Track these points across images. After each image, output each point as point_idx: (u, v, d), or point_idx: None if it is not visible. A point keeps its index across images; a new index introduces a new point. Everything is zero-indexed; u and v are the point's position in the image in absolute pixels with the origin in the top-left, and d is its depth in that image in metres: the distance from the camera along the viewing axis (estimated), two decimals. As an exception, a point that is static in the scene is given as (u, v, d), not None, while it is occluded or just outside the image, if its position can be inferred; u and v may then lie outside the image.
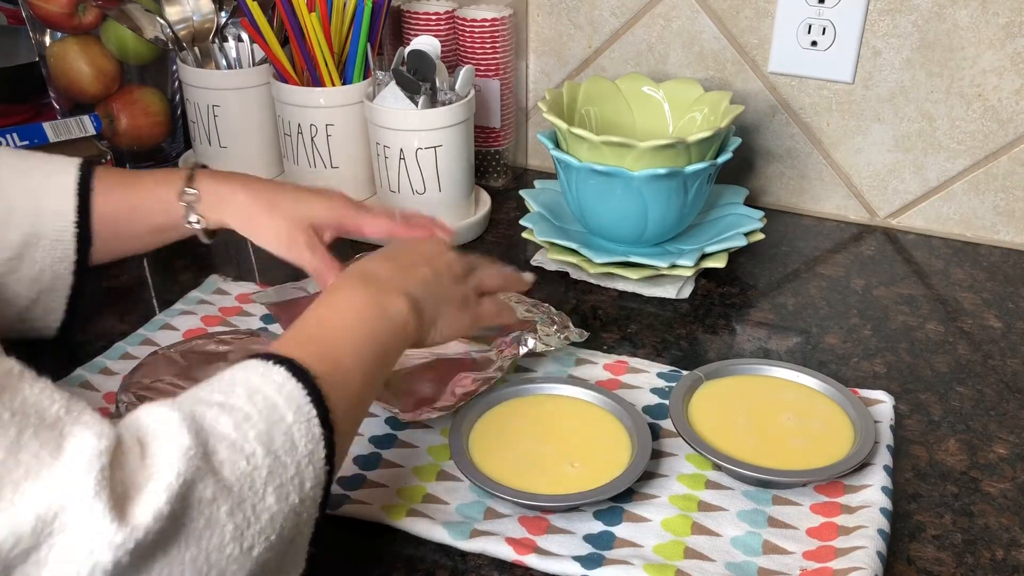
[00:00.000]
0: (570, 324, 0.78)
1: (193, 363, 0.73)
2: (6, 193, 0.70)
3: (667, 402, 0.72)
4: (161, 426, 0.45)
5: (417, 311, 0.60)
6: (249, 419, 0.47)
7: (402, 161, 0.93)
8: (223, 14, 1.04)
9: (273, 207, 0.71)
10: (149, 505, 0.41)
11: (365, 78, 0.99)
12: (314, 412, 0.50)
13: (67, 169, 0.72)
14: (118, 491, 0.41)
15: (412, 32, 1.06)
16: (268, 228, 0.72)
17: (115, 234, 0.74)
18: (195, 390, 0.49)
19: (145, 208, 0.73)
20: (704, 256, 0.89)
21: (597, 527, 0.62)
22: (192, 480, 0.43)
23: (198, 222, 0.73)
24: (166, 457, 0.43)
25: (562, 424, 0.69)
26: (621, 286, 0.90)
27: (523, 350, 0.72)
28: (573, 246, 0.89)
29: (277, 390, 0.49)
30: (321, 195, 0.73)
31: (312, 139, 0.98)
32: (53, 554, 0.39)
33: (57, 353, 0.77)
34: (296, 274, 0.91)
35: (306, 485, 0.49)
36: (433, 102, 0.92)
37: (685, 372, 0.76)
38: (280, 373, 0.50)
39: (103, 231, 0.73)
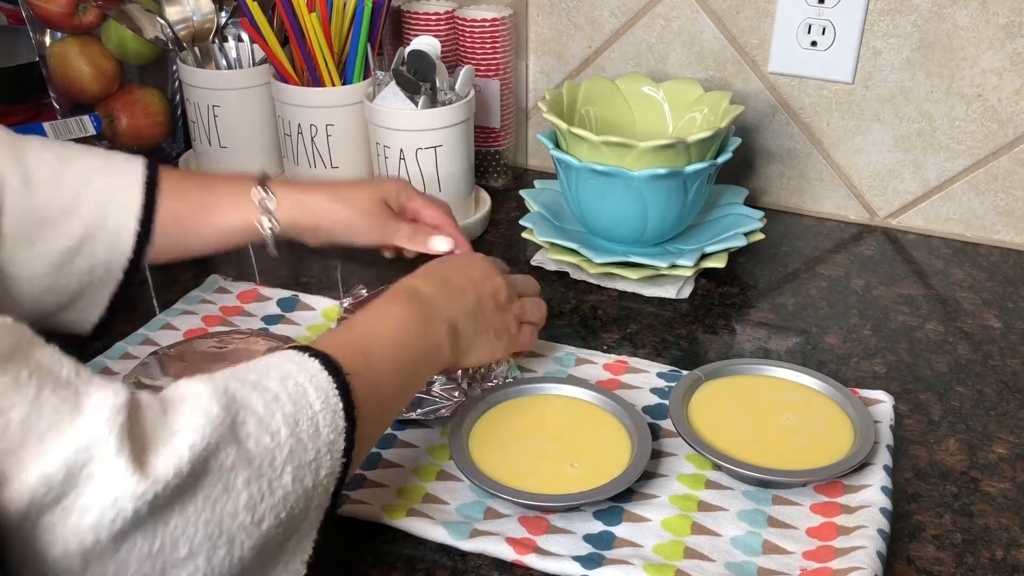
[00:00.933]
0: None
1: (193, 363, 0.73)
2: (74, 183, 0.70)
3: (667, 402, 0.72)
4: (193, 394, 0.47)
5: (454, 338, 0.63)
6: (278, 400, 0.49)
7: (402, 161, 0.93)
8: (223, 14, 1.04)
9: (345, 200, 0.76)
10: (171, 460, 0.43)
11: (365, 78, 0.99)
12: (340, 405, 0.52)
13: (134, 165, 0.72)
14: (138, 444, 0.42)
15: (412, 32, 1.06)
16: (349, 220, 0.76)
17: (182, 232, 0.74)
18: (231, 369, 0.51)
19: (219, 208, 0.74)
20: (704, 256, 0.89)
21: (597, 527, 0.62)
22: (216, 445, 0.45)
23: (271, 227, 0.74)
24: (194, 419, 0.45)
25: (562, 424, 0.69)
26: (621, 286, 0.90)
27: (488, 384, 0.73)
28: (573, 246, 0.89)
29: (309, 379, 0.51)
30: (377, 179, 0.79)
31: (312, 139, 0.98)
32: (80, 502, 0.41)
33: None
34: (294, 276, 0.91)
35: (322, 472, 0.50)
36: (433, 102, 0.92)
37: (685, 372, 0.76)
38: (314, 365, 0.52)
39: (169, 229, 0.73)
